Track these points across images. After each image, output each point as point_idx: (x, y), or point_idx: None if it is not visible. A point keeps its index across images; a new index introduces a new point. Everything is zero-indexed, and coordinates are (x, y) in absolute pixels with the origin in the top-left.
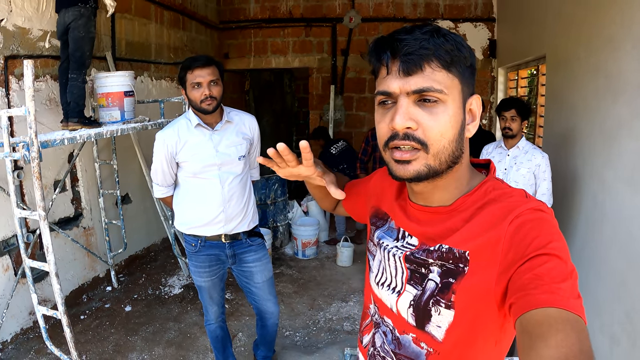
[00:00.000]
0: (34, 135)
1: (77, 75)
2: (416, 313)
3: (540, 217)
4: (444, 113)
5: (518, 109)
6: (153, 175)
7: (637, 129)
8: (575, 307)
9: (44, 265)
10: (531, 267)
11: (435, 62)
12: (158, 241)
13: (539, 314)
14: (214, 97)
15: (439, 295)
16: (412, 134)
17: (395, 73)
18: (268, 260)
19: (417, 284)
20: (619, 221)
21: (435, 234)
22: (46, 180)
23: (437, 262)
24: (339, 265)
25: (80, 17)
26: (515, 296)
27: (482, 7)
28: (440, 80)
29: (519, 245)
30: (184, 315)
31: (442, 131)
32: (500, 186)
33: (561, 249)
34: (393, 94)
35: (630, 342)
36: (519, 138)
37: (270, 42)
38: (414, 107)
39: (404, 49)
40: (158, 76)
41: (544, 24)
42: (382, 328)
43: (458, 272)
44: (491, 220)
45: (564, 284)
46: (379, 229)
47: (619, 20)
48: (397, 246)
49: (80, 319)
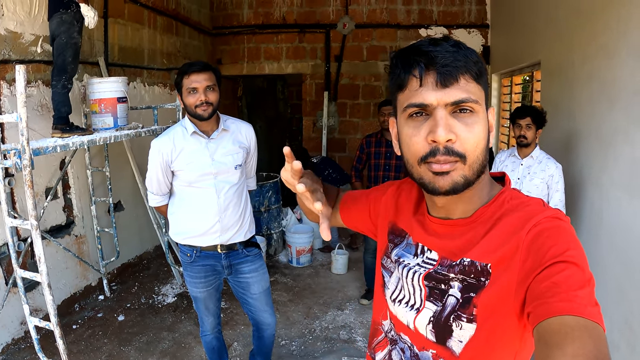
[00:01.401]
0: (26, 143)
1: (57, 82)
2: (436, 329)
3: (557, 226)
4: (477, 124)
5: (533, 117)
6: (148, 184)
7: (633, 135)
8: (592, 315)
9: (36, 275)
10: (549, 275)
11: (468, 74)
12: (151, 249)
13: (555, 322)
14: (210, 102)
15: (460, 311)
16: (452, 148)
17: (431, 85)
18: (265, 271)
19: (437, 300)
20: (616, 227)
21: (456, 247)
22: (38, 187)
23: (458, 276)
24: (334, 273)
25: (63, 24)
26: (533, 305)
27: (476, 14)
28: (474, 92)
29: (537, 254)
30: (178, 325)
31: (477, 141)
32: (517, 196)
33: (579, 256)
34: (430, 106)
35: (629, 348)
36: (533, 147)
37: (264, 48)
38: (452, 119)
39: (441, 60)
40: (151, 82)
41: (538, 30)
42: (400, 345)
43: (479, 287)
44: (510, 230)
45: (581, 292)
46: (397, 246)
47: (613, 27)
48: (418, 263)
49: (72, 328)
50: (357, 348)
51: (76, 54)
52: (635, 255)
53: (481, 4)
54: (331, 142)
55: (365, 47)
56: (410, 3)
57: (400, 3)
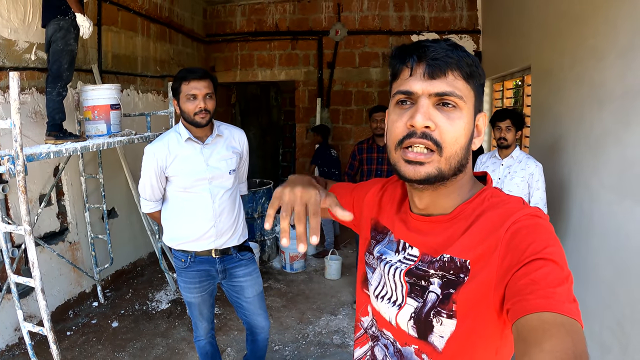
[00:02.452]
0: (20, 149)
1: (52, 89)
2: (417, 325)
3: (536, 223)
4: (460, 119)
5: (513, 120)
6: (141, 190)
7: (622, 137)
8: (570, 311)
9: (30, 281)
10: (527, 272)
11: (457, 71)
12: (145, 256)
13: (534, 319)
14: (208, 110)
15: (440, 307)
16: (430, 134)
17: (419, 75)
18: (258, 275)
19: (417, 297)
20: (607, 229)
21: (437, 243)
22: (31, 194)
23: (438, 272)
24: (327, 279)
25: (59, 30)
26: (512, 301)
27: (467, 20)
28: (460, 88)
29: (515, 251)
30: (171, 331)
31: (457, 136)
32: (498, 194)
33: (557, 253)
34: (415, 94)
35: (621, 350)
36: (513, 148)
37: (257, 55)
38: (434, 109)
39: (432, 54)
40: (144, 89)
41: (529, 35)
42: (382, 341)
43: (458, 283)
44: (489, 228)
45: (560, 288)
46: (379, 243)
47: (602, 31)
48: (400, 260)
49: (66, 335)
50: (350, 353)
51: (72, 61)
52: (627, 257)
53: (472, 10)
54: None
55: (358, 53)
56: (402, 9)
57: (392, 9)
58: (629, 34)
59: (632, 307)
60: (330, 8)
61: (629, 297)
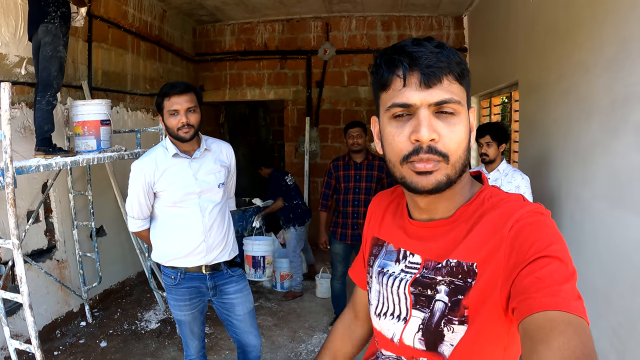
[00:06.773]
0: (10, 160)
1: (42, 97)
2: (426, 337)
3: (539, 220)
4: (459, 124)
5: (492, 134)
6: (128, 208)
7: (610, 146)
8: (576, 309)
9: (17, 296)
10: (532, 270)
11: (451, 74)
12: (133, 275)
13: (540, 318)
14: (192, 125)
15: (450, 315)
16: (435, 147)
17: (414, 85)
18: (249, 292)
19: (423, 307)
20: (598, 239)
21: (440, 248)
22: (19, 210)
23: (445, 279)
24: (319, 297)
25: (48, 33)
26: (517, 300)
27: (454, 38)
28: (456, 92)
29: (520, 250)
30: (161, 351)
31: (459, 141)
32: (497, 193)
33: (561, 250)
34: (413, 106)
35: (619, 358)
36: (498, 162)
37: (246, 74)
38: (435, 119)
39: (425, 61)
40: (134, 107)
41: (515, 51)
42: None
43: (466, 288)
44: (492, 228)
45: (565, 286)
46: (377, 257)
47: (589, 46)
48: (402, 269)
49: (53, 355)
50: None
51: (61, 67)
52: (619, 265)
53: (459, 29)
54: (313, 167)
55: (346, 72)
56: (389, 29)
57: (380, 29)
58: (614, 45)
59: (626, 315)
60: (319, 27)
61: (623, 305)
